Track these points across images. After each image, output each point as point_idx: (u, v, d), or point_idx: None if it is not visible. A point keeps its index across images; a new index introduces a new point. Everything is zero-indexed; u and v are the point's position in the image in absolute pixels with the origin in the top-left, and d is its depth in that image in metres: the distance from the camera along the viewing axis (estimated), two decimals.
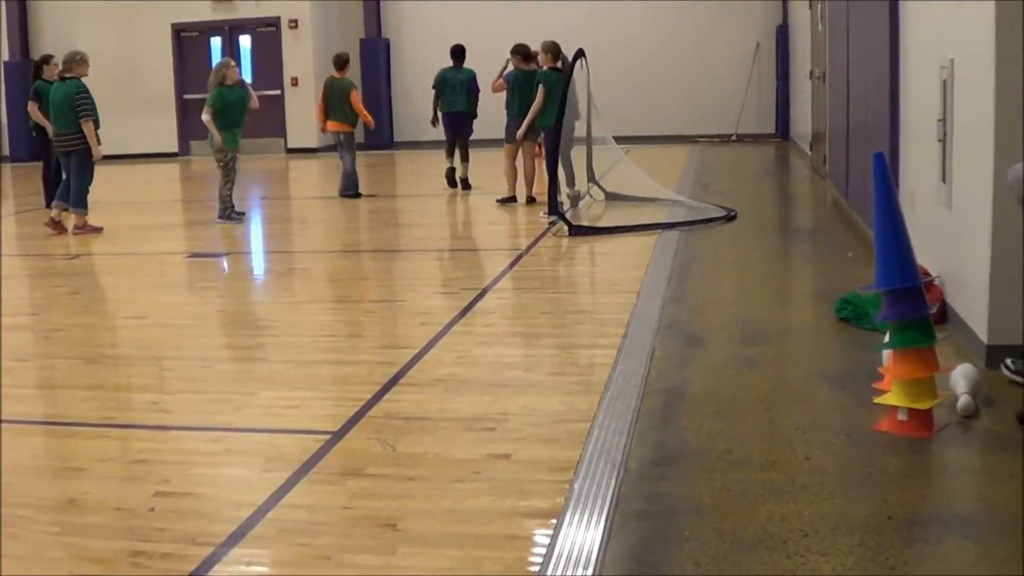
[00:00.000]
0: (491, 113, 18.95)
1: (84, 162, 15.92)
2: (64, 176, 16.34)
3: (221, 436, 6.77)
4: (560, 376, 7.92)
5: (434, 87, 19.77)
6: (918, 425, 6.05)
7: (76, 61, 16.15)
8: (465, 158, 19.51)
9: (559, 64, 16.07)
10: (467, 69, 19.76)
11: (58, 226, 15.99)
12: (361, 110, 19.51)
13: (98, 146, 15.84)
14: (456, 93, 19.59)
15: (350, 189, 19.34)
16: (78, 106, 15.65)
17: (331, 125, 19.38)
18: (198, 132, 28.28)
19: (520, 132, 16.00)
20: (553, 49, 16.06)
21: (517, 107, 16.43)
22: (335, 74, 19.60)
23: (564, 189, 15.69)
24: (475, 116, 19.66)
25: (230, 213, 16.34)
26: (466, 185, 19.44)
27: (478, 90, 19.54)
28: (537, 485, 5.64)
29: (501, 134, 16.91)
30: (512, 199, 16.61)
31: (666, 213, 14.82)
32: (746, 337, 8.60)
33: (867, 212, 10.66)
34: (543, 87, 15.75)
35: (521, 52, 16.79)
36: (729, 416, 6.57)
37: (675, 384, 7.33)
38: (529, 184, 16.56)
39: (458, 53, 19.86)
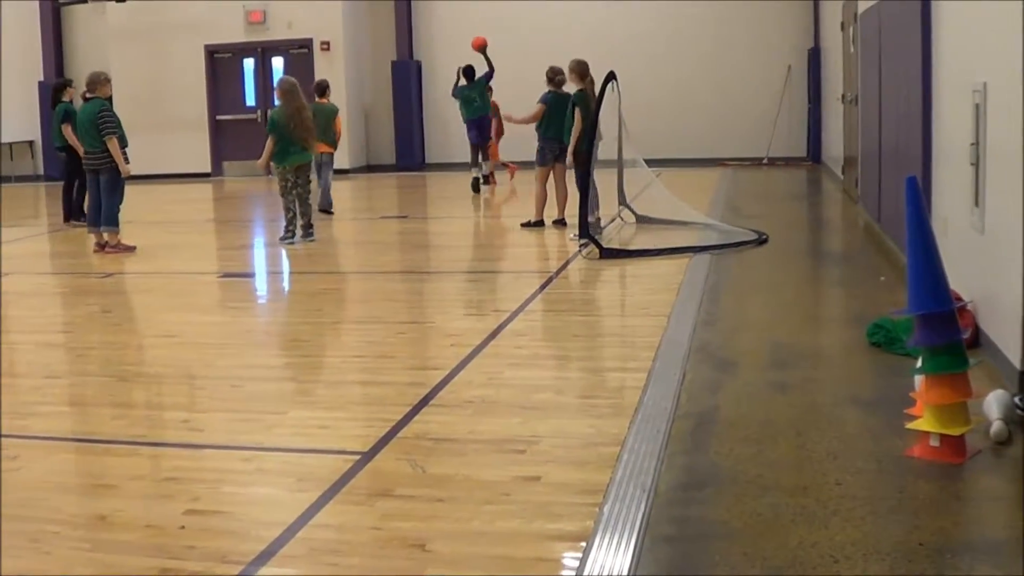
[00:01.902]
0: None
1: (114, 180, 15.99)
2: (85, 196, 16.42)
3: (252, 455, 6.78)
4: (590, 399, 7.91)
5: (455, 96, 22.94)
6: (950, 451, 6.02)
7: (100, 81, 16.26)
8: (487, 158, 22.47)
9: (585, 84, 16.05)
10: (479, 81, 22.97)
11: (106, 247, 16.09)
12: (339, 133, 20.74)
13: (126, 164, 15.92)
14: (476, 102, 22.66)
15: (328, 206, 20.02)
16: (101, 124, 15.73)
17: (318, 147, 19.24)
18: (231, 152, 28.46)
19: (569, 156, 15.89)
20: (580, 69, 16.03)
21: (553, 129, 16.34)
22: (319, 100, 20.51)
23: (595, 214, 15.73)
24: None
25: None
26: (487, 180, 22.48)
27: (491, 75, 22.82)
28: (566, 508, 5.64)
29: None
30: (540, 223, 16.54)
31: (697, 236, 14.78)
32: (777, 361, 8.58)
33: (899, 236, 10.64)
34: (580, 109, 15.73)
35: (548, 75, 16.76)
36: (760, 441, 6.56)
37: (706, 408, 7.32)
38: (562, 206, 16.52)
39: (469, 73, 23.18)
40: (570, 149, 15.75)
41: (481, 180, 22.97)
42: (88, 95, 16.31)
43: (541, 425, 7.05)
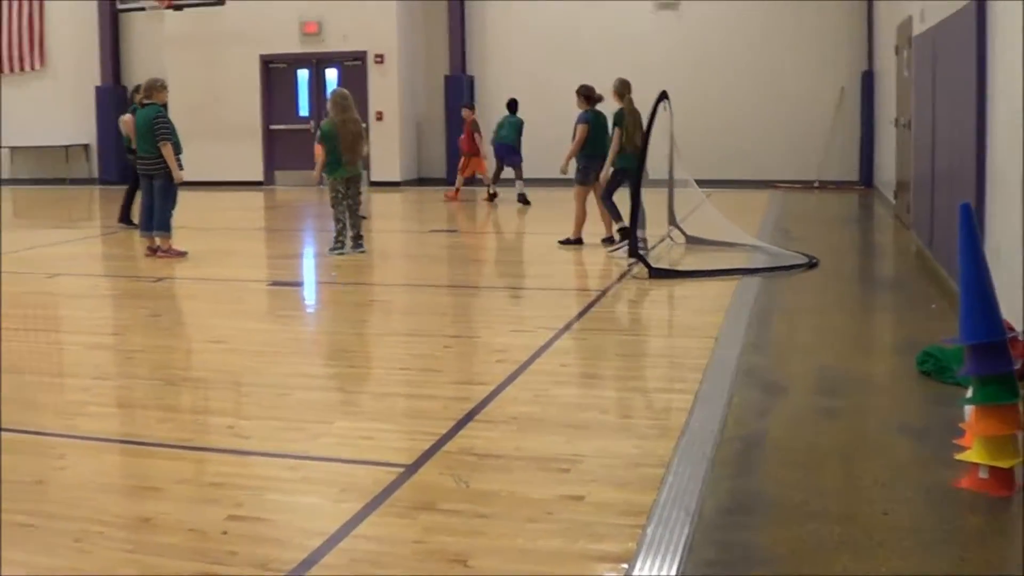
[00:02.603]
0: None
1: (167, 186, 16.11)
2: (143, 199, 16.50)
3: (296, 463, 6.79)
4: (636, 419, 7.89)
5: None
6: (999, 484, 5.97)
7: (156, 88, 16.40)
8: (519, 176, 24.18)
9: (624, 104, 16.01)
10: (515, 119, 24.79)
11: (157, 252, 16.19)
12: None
13: (179, 170, 16.02)
14: (507, 129, 24.62)
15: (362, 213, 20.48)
16: (157, 130, 15.85)
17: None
18: (283, 162, 28.57)
19: (604, 175, 15.91)
20: (620, 88, 16.02)
21: (598, 148, 16.28)
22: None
23: (614, 229, 15.73)
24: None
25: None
26: (525, 200, 23.79)
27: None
28: (609, 528, 5.62)
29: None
30: (579, 241, 16.50)
31: (746, 258, 14.73)
32: (825, 387, 8.53)
33: (952, 263, 10.59)
34: (619, 128, 15.73)
35: (585, 93, 16.68)
36: (806, 466, 6.52)
37: (752, 432, 7.29)
38: (608, 224, 16.48)
39: (512, 105, 24.96)
40: (605, 166, 15.76)
41: (517, 198, 24.29)
42: (145, 101, 16.41)
43: (586, 444, 7.03)
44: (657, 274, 13.55)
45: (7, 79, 34.09)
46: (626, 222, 15.52)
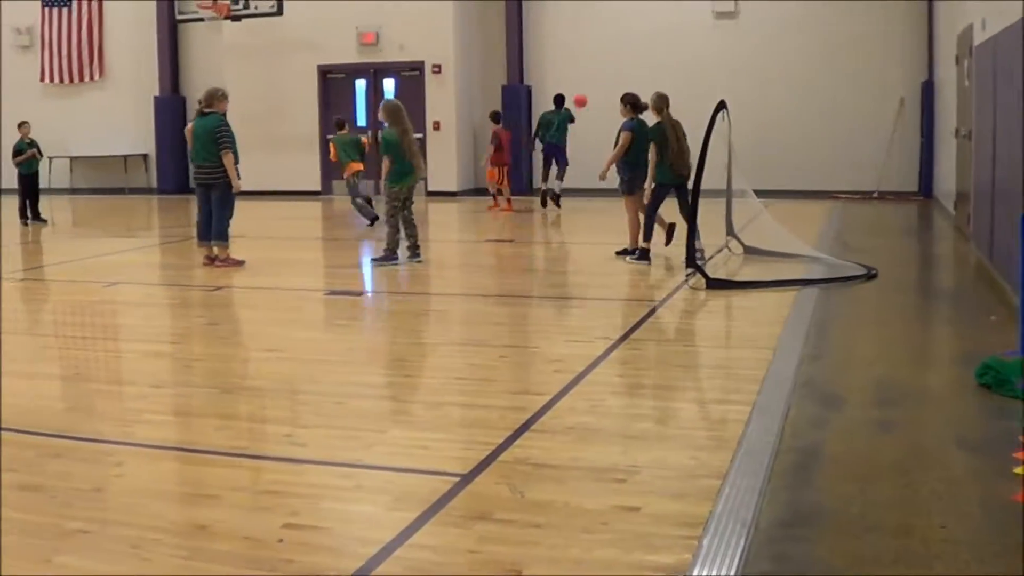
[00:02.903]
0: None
1: (225, 195, 16.20)
2: (199, 209, 16.58)
3: (352, 472, 6.80)
4: (692, 430, 7.85)
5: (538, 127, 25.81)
6: None
7: (217, 97, 16.49)
8: (560, 177, 24.98)
9: (663, 118, 15.93)
10: (563, 113, 25.48)
11: (215, 261, 16.28)
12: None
13: (238, 179, 16.11)
14: (559, 129, 25.23)
15: (375, 216, 22.25)
16: (219, 138, 15.95)
17: (354, 167, 22.64)
18: (341, 171, 28.65)
19: (648, 188, 15.87)
20: (658, 103, 15.96)
21: (637, 156, 16.21)
22: (340, 133, 23.05)
23: (647, 243, 15.68)
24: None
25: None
26: (557, 201, 24.84)
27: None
28: (665, 540, 5.60)
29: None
30: (634, 251, 16.45)
31: (804, 269, 14.66)
32: (883, 399, 8.48)
33: (1012, 275, 10.51)
34: (655, 143, 15.71)
35: (631, 101, 16.60)
36: (863, 479, 6.48)
37: (809, 444, 7.25)
38: (634, 237, 16.39)
39: (558, 100, 25.87)
40: (648, 182, 15.73)
41: (548, 196, 25.29)
42: (205, 110, 16.48)
43: (642, 455, 7.01)
44: (715, 285, 13.50)
45: (67, 89, 34.38)
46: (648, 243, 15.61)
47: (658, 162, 15.63)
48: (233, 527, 5.88)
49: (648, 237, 15.70)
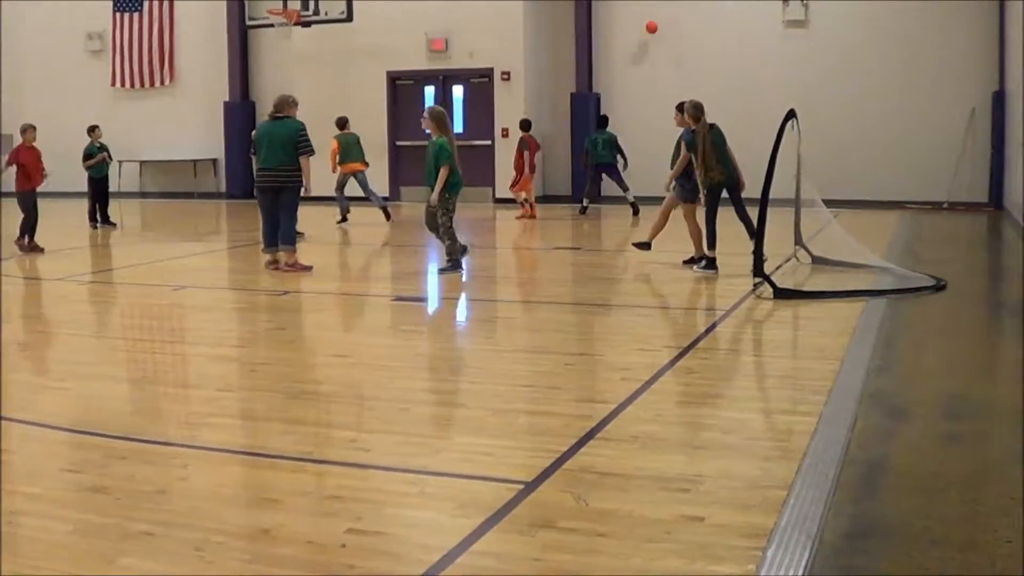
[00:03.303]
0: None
1: (295, 200, 16.28)
2: (264, 215, 16.65)
3: (416, 478, 6.80)
4: (758, 441, 7.80)
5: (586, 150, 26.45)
6: None
7: (288, 103, 16.61)
8: (625, 188, 26.00)
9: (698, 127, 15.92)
10: (608, 134, 26.32)
11: (279, 265, 16.36)
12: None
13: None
14: (605, 148, 25.97)
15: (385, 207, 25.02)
16: (300, 143, 16.05)
17: (353, 166, 24.63)
18: (409, 177, 28.71)
19: (704, 195, 15.88)
20: (693, 112, 15.91)
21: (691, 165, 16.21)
22: (341, 131, 25.03)
23: (713, 251, 15.63)
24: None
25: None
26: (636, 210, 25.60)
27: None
28: (729, 551, 5.57)
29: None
30: (701, 260, 16.40)
31: (873, 280, 14.57)
32: (951, 412, 8.42)
33: None
34: (686, 148, 15.74)
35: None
36: (930, 492, 6.43)
37: (875, 456, 7.20)
38: (698, 243, 16.35)
39: (601, 122, 27.17)
40: (701, 187, 15.75)
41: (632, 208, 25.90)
42: (276, 115, 16.54)
43: (707, 464, 6.98)
44: (782, 294, 13.44)
45: (138, 94, 34.68)
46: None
47: (704, 170, 15.64)
48: (296, 531, 5.89)
49: (712, 245, 15.65)
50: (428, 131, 16.40)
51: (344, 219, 24.52)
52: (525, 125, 26.30)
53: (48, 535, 5.90)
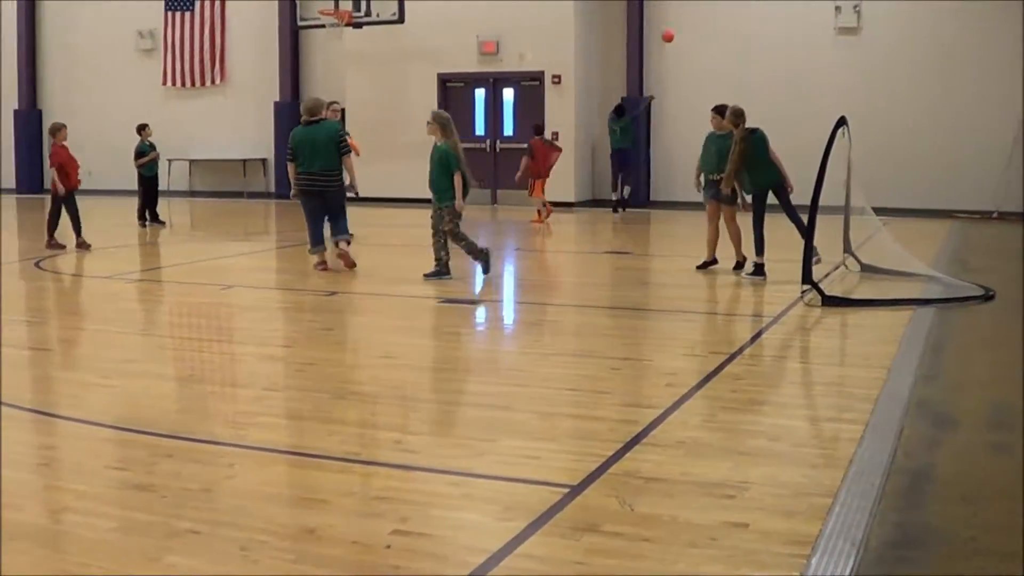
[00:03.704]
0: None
1: (342, 199, 16.49)
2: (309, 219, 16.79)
3: (461, 480, 6.82)
4: (804, 448, 7.78)
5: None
6: None
7: (322, 106, 16.83)
8: (627, 183, 27.50)
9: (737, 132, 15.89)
10: (626, 118, 27.65)
11: (326, 264, 16.49)
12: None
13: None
14: (623, 135, 27.42)
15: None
16: (341, 144, 16.17)
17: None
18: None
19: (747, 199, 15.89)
20: (733, 118, 15.87)
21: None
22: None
23: (761, 257, 15.58)
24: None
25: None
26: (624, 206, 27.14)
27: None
28: (773, 557, 5.55)
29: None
30: (740, 264, 16.37)
31: (921, 289, 14.50)
32: (998, 422, 8.38)
33: None
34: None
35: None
36: (976, 502, 6.40)
37: (922, 465, 7.17)
38: (738, 247, 16.33)
39: (619, 109, 28.14)
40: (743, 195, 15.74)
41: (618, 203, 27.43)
42: (312, 120, 16.60)
43: (753, 471, 6.97)
44: (830, 302, 13.39)
45: (189, 93, 34.84)
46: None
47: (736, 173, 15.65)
48: (342, 532, 5.91)
49: (760, 251, 15.61)
50: (432, 136, 16.28)
51: None
52: (536, 129, 26.35)
53: (93, 532, 5.94)
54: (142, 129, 25.52)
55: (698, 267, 16.54)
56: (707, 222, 16.59)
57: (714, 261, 16.47)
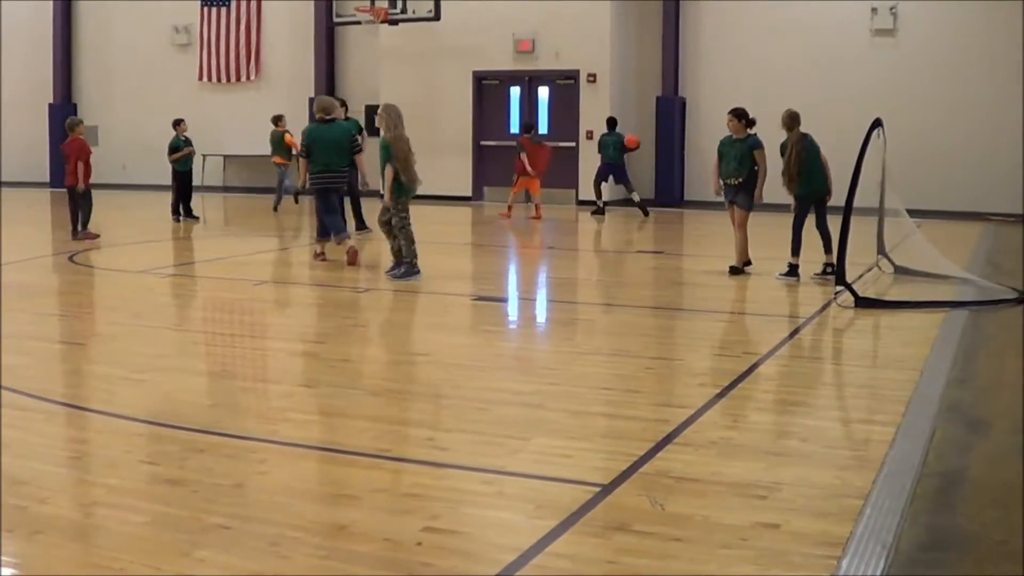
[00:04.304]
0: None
1: (355, 194, 16.99)
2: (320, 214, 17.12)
3: (493, 478, 6.82)
4: (835, 449, 7.77)
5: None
6: None
7: (337, 106, 17.43)
8: (631, 190, 27.04)
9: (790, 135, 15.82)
10: (617, 135, 27.12)
11: (323, 257, 16.79)
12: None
13: None
14: (613, 149, 26.82)
15: (278, 203, 28.09)
16: (354, 144, 16.48)
17: (276, 160, 28.36)
18: (492, 177, 28.78)
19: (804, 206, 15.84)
20: (786, 121, 15.79)
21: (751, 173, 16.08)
22: (278, 127, 28.28)
23: (796, 258, 15.53)
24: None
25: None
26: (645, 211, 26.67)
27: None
28: (804, 558, 5.55)
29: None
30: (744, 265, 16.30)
31: (954, 291, 14.46)
32: None
33: None
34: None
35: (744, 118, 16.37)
36: (1007, 505, 6.39)
37: (954, 468, 7.16)
38: (741, 254, 16.23)
39: (611, 122, 27.42)
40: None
41: (638, 206, 27.02)
42: (326, 118, 16.83)
43: (784, 472, 6.97)
44: (863, 303, 13.36)
45: (224, 88, 34.93)
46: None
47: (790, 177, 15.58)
48: (372, 528, 5.93)
49: (796, 252, 15.57)
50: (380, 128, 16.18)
51: (276, 208, 27.91)
52: (525, 127, 26.89)
53: (125, 526, 5.97)
54: (177, 124, 25.65)
55: (732, 271, 16.39)
56: (736, 229, 16.43)
57: (748, 263, 16.38)
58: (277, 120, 28.28)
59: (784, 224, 15.95)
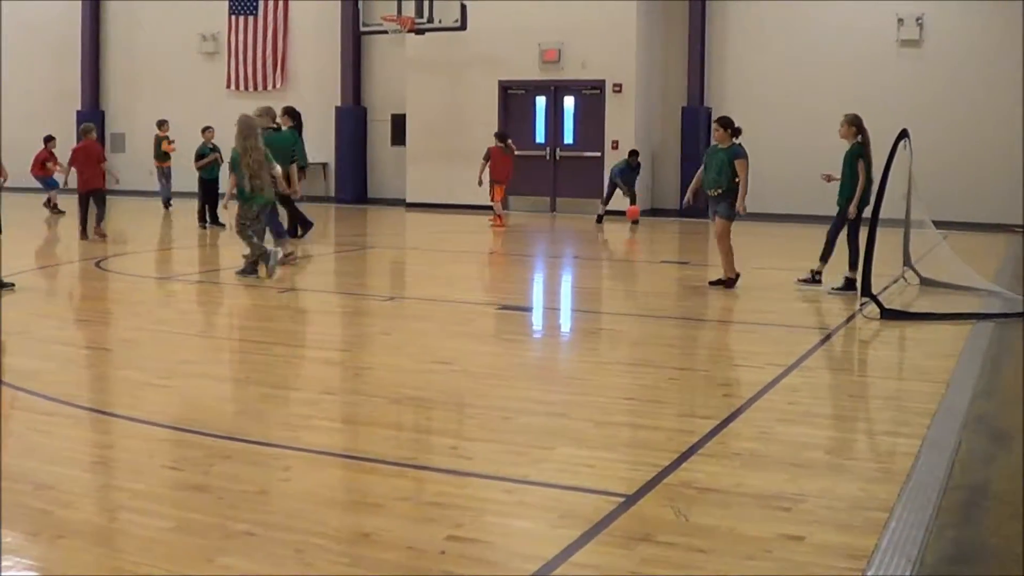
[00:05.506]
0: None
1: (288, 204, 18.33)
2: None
3: (516, 487, 6.82)
4: (860, 461, 7.76)
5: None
6: None
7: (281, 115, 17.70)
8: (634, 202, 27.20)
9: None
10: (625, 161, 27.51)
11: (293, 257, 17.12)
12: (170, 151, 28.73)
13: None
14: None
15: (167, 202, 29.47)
16: (294, 151, 17.23)
17: (156, 163, 29.69)
18: (518, 187, 28.79)
19: (852, 209, 15.74)
20: (854, 122, 15.67)
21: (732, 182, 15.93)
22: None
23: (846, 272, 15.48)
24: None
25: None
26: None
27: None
28: (828, 571, 5.53)
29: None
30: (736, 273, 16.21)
31: (980, 303, 14.41)
32: None
33: None
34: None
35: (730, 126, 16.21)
36: None
37: (979, 481, 7.13)
38: (729, 266, 16.06)
39: (633, 154, 27.47)
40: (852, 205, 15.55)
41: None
42: (272, 126, 17.16)
43: (809, 484, 6.94)
44: (889, 315, 13.33)
45: (251, 96, 34.95)
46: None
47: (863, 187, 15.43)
48: (396, 536, 5.92)
49: (854, 266, 15.45)
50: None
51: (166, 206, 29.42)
52: (499, 137, 26.88)
53: (148, 532, 5.98)
54: (205, 131, 25.78)
55: (716, 284, 16.24)
56: (718, 239, 16.21)
57: (737, 276, 16.14)
58: (160, 125, 29.58)
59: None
